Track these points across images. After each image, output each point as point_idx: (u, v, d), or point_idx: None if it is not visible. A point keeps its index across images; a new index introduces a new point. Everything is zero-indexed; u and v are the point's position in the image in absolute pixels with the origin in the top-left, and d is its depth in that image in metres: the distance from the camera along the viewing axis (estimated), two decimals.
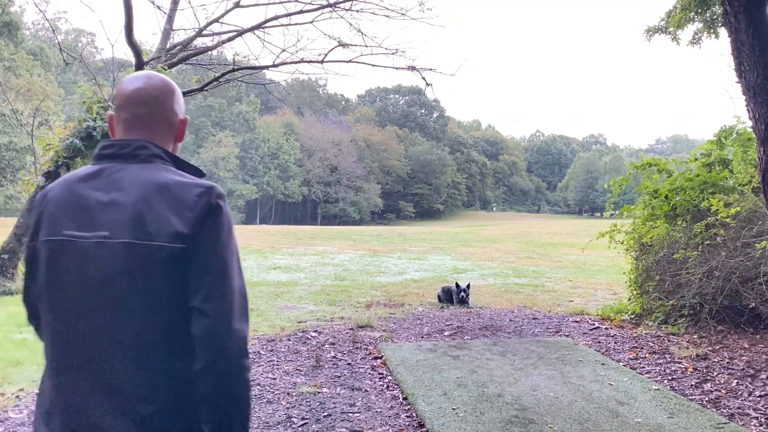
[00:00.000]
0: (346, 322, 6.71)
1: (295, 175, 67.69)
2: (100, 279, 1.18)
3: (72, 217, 1.22)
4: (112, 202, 1.21)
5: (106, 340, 1.17)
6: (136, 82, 1.34)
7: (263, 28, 9.66)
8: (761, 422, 3.67)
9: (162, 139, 1.34)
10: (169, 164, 1.30)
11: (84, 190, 1.24)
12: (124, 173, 1.24)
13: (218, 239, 1.23)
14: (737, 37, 4.14)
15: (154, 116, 1.33)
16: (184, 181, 1.25)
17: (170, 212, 1.19)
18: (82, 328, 1.19)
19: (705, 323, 5.80)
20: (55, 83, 36.67)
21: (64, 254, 1.21)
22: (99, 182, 1.24)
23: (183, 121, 1.40)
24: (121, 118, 1.33)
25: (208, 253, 1.21)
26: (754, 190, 5.96)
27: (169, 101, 1.36)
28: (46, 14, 43.13)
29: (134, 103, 1.32)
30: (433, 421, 3.60)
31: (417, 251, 17.92)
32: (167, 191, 1.21)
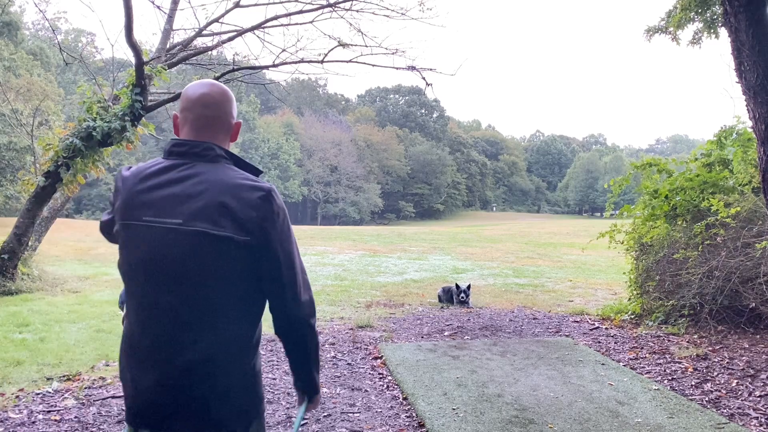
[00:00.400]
0: (346, 322, 6.70)
1: (295, 175, 67.68)
2: (173, 258, 1.40)
3: (149, 205, 1.44)
4: (184, 194, 1.42)
5: (182, 308, 1.41)
6: (203, 88, 1.55)
7: (263, 28, 9.65)
8: (761, 422, 3.67)
9: (222, 139, 1.56)
10: (230, 163, 1.53)
11: (158, 181, 1.46)
12: (195, 170, 1.46)
13: (280, 233, 1.47)
14: (737, 37, 4.14)
15: (217, 118, 1.55)
16: (246, 182, 1.46)
17: (236, 208, 1.41)
18: (159, 298, 1.42)
19: (705, 323, 5.80)
20: (55, 83, 36.65)
21: (142, 236, 1.44)
22: (172, 175, 1.46)
23: (237, 123, 1.61)
24: (188, 119, 1.54)
25: (274, 244, 1.45)
26: (754, 190, 5.96)
27: (228, 106, 1.57)
28: (46, 14, 43.18)
29: (201, 106, 1.53)
30: (433, 421, 3.60)
31: (417, 251, 17.92)
32: (233, 189, 1.43)
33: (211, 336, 1.42)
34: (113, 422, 3.60)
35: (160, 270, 1.42)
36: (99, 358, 4.99)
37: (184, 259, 1.40)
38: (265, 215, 1.43)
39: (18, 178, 20.69)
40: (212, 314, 1.42)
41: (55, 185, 8.29)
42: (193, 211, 1.40)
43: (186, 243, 1.40)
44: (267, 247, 1.44)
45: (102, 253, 14.14)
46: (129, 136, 8.15)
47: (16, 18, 31.53)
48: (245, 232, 1.40)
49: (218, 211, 1.40)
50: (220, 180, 1.44)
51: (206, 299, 1.41)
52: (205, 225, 1.39)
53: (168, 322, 1.42)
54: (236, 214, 1.40)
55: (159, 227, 1.42)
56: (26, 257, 8.86)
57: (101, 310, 7.08)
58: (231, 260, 1.41)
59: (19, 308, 7.05)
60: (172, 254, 1.40)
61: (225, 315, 1.43)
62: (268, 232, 1.43)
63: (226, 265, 1.41)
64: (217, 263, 1.40)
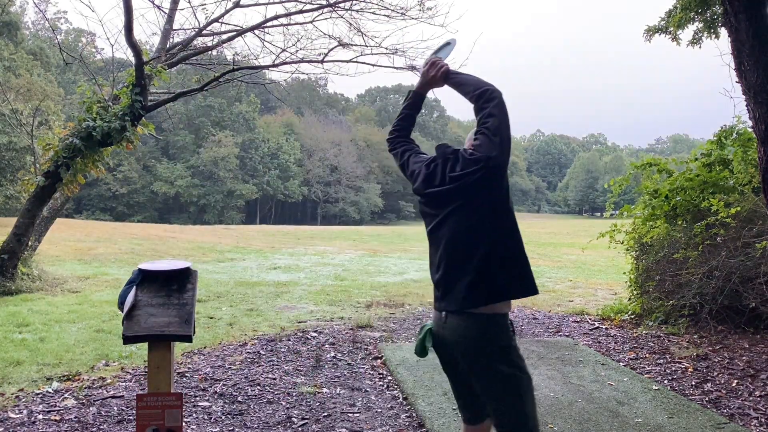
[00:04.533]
0: (346, 322, 6.70)
1: (295, 175, 67.62)
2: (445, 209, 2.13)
3: (428, 181, 2.19)
4: (443, 174, 2.14)
5: (454, 239, 2.10)
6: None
7: (263, 28, 9.64)
8: (761, 422, 3.67)
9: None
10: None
11: (430, 167, 2.20)
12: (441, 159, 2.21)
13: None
14: (737, 37, 4.14)
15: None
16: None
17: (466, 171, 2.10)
18: (439, 232, 2.15)
19: (705, 323, 5.80)
20: (55, 83, 36.62)
21: (428, 201, 2.20)
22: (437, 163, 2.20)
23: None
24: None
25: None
26: (754, 190, 5.96)
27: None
28: (46, 14, 43.17)
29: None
30: (433, 421, 3.60)
31: (417, 251, 17.92)
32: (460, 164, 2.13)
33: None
34: (113, 422, 3.60)
35: (436, 217, 2.29)
36: (99, 358, 4.99)
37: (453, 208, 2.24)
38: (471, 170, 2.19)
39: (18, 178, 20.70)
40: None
41: (55, 185, 8.29)
42: (449, 181, 2.18)
43: (452, 198, 2.24)
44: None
45: (102, 253, 14.15)
46: (129, 136, 8.15)
47: (16, 18, 31.51)
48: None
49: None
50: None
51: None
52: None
53: None
54: (468, 175, 2.18)
55: (435, 192, 2.26)
56: (26, 257, 8.86)
57: (101, 310, 7.08)
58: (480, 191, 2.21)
59: (19, 308, 7.05)
60: (444, 206, 2.24)
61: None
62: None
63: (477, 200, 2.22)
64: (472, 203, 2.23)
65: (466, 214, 2.07)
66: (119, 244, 16.38)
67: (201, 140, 61.09)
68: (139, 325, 2.38)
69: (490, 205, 2.07)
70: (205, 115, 62.25)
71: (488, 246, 2.05)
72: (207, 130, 61.29)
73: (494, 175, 2.05)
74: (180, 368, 4.72)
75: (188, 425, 3.55)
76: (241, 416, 3.74)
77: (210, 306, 7.59)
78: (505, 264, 2.07)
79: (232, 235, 23.26)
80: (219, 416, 3.74)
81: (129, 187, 55.80)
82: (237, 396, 4.12)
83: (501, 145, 2.04)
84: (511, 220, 2.11)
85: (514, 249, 2.10)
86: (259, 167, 64.49)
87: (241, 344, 5.58)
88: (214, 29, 9.78)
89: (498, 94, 2.11)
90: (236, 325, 6.45)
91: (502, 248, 2.07)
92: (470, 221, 2.07)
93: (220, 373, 4.65)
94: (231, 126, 63.55)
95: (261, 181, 64.14)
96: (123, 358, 4.99)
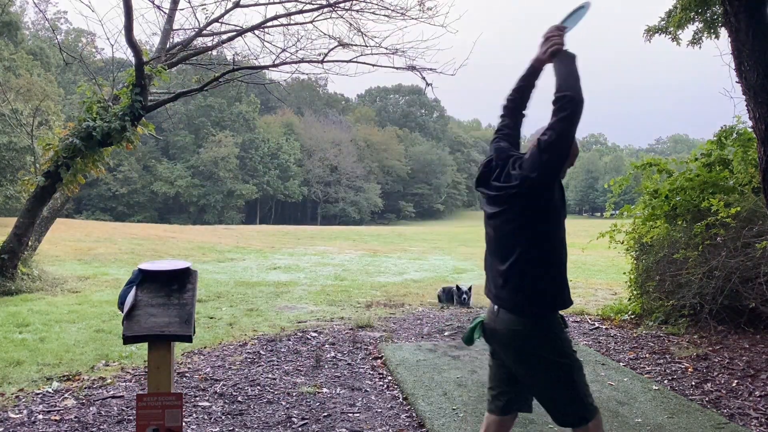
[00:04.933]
0: (346, 322, 6.70)
1: (295, 175, 67.64)
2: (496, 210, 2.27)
3: (480, 180, 2.39)
4: (491, 179, 2.32)
5: (498, 240, 2.28)
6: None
7: (263, 28, 9.64)
8: (761, 422, 3.66)
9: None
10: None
11: (486, 167, 2.38)
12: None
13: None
14: (737, 37, 4.14)
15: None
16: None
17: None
18: (488, 228, 2.35)
19: (705, 323, 5.79)
20: (55, 83, 36.61)
21: (481, 195, 2.40)
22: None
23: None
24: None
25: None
26: (754, 190, 5.96)
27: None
28: (46, 14, 43.18)
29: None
30: (433, 421, 3.60)
31: (417, 251, 17.92)
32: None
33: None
34: (113, 422, 3.60)
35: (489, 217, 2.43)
36: (99, 358, 4.99)
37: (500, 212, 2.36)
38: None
39: (18, 178, 20.68)
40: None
41: (55, 185, 8.29)
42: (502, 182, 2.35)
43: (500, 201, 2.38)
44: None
45: (102, 253, 14.15)
46: (129, 136, 8.14)
47: (16, 18, 31.49)
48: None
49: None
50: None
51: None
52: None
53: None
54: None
55: (487, 193, 2.41)
56: (26, 257, 8.86)
57: (101, 310, 7.08)
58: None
59: (19, 308, 7.05)
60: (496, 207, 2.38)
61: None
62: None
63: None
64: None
65: (507, 219, 2.22)
66: (119, 244, 16.39)
67: (201, 140, 61.10)
68: (139, 325, 2.38)
69: (527, 216, 2.17)
70: (205, 115, 62.26)
71: (525, 253, 2.17)
72: (207, 130, 61.31)
73: (531, 192, 2.12)
74: (180, 368, 4.72)
75: (188, 425, 3.55)
76: (241, 416, 3.74)
77: (210, 306, 7.59)
78: (540, 273, 2.18)
79: (232, 235, 23.27)
80: (219, 416, 3.74)
81: (129, 187, 55.81)
82: (237, 396, 4.12)
83: (545, 165, 2.08)
84: (550, 231, 2.19)
85: (549, 259, 2.20)
86: (259, 167, 64.50)
87: (241, 344, 5.58)
88: (214, 29, 9.78)
89: (572, 106, 2.06)
90: (236, 325, 6.45)
91: (537, 256, 2.18)
92: (511, 226, 2.21)
93: (220, 373, 4.65)
94: (231, 126, 63.57)
95: (261, 181, 64.15)
96: (123, 358, 4.99)
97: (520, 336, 2.22)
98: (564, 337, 2.24)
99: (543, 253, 2.18)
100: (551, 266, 2.20)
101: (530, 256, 2.17)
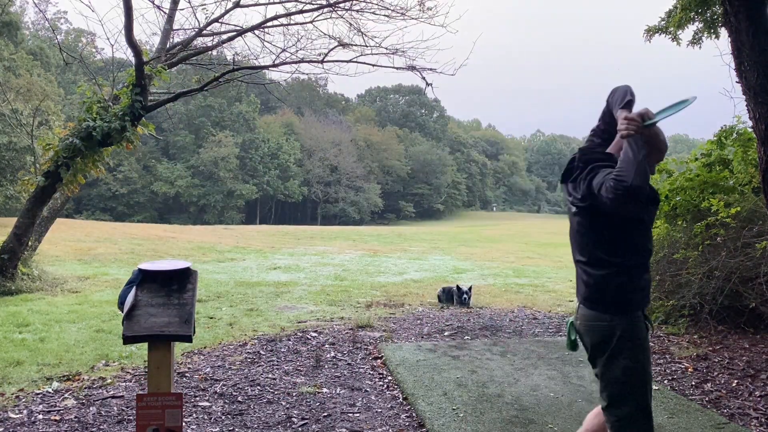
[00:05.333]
0: (346, 322, 6.70)
1: (295, 175, 67.60)
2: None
3: (563, 175, 2.43)
4: (565, 181, 2.41)
5: (575, 236, 2.39)
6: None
7: (263, 28, 9.65)
8: (761, 422, 3.66)
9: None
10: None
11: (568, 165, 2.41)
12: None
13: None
14: (737, 37, 4.14)
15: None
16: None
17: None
18: (569, 224, 2.43)
19: (705, 323, 5.79)
20: (55, 83, 36.60)
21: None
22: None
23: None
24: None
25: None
26: (754, 190, 5.96)
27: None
28: (46, 14, 43.17)
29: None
30: (433, 421, 3.60)
31: (417, 251, 17.93)
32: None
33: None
34: (113, 422, 3.60)
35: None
36: (99, 358, 4.99)
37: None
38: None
39: (18, 178, 20.67)
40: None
41: (55, 185, 8.29)
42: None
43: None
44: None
45: (102, 253, 14.15)
46: (129, 136, 8.14)
47: (16, 18, 31.48)
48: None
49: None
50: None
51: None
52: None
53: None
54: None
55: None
56: (26, 257, 8.86)
57: (101, 310, 7.08)
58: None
59: (19, 308, 7.05)
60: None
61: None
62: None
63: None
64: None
65: (579, 220, 2.35)
66: (119, 244, 16.39)
67: (201, 140, 61.07)
68: (139, 325, 2.38)
69: (594, 219, 2.28)
70: (205, 115, 62.24)
71: (592, 252, 2.30)
72: (207, 130, 61.28)
73: (593, 212, 2.27)
74: (180, 368, 4.72)
75: (188, 425, 3.55)
76: (241, 416, 3.74)
77: (210, 306, 7.59)
78: (604, 273, 2.27)
79: (232, 235, 23.26)
80: (219, 416, 3.74)
81: (129, 187, 55.79)
82: (237, 396, 4.12)
83: (598, 202, 2.16)
84: (617, 235, 2.26)
85: (615, 261, 2.26)
86: (259, 167, 64.47)
87: (241, 344, 5.58)
88: (214, 29, 9.78)
89: (623, 189, 2.01)
90: (236, 325, 6.45)
91: (602, 257, 2.28)
92: (581, 225, 2.34)
93: (220, 373, 4.65)
94: (231, 126, 63.54)
95: (261, 181, 64.12)
96: (123, 358, 4.99)
97: (589, 332, 2.36)
98: (633, 337, 2.28)
99: (608, 255, 2.27)
100: (616, 268, 2.27)
101: (596, 256, 2.29)
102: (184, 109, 59.32)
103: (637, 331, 2.29)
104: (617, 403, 2.31)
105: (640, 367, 2.27)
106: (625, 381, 2.28)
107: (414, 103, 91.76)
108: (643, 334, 2.31)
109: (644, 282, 2.33)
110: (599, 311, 2.31)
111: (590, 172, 2.25)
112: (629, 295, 2.29)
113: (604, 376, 2.37)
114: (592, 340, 2.37)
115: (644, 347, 2.30)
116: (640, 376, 2.28)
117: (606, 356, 2.32)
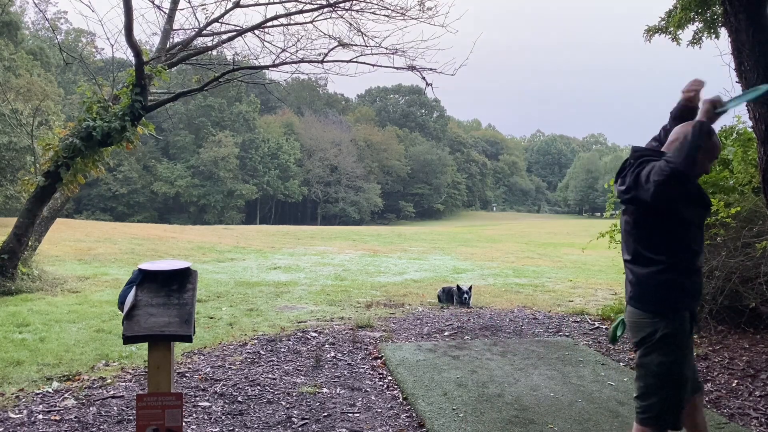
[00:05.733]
0: (346, 322, 6.70)
1: (295, 175, 67.61)
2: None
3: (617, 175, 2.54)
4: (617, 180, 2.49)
5: (624, 234, 2.50)
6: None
7: (263, 28, 9.64)
8: (761, 422, 3.66)
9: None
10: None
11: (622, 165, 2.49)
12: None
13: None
14: (737, 37, 4.14)
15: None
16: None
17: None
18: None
19: (705, 323, 5.79)
20: (55, 83, 36.59)
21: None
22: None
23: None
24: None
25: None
26: (754, 190, 5.95)
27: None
28: (46, 14, 43.16)
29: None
30: (433, 421, 3.60)
31: (417, 251, 17.93)
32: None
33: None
34: (113, 422, 3.60)
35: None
36: (99, 358, 4.99)
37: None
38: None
39: (18, 178, 20.69)
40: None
41: (55, 185, 8.29)
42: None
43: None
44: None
45: (102, 253, 14.15)
46: (129, 136, 8.15)
47: (16, 18, 31.50)
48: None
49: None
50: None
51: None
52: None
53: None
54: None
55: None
56: (26, 257, 8.86)
57: (101, 310, 7.08)
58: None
59: (19, 308, 7.05)
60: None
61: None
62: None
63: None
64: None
65: (626, 218, 2.44)
66: (119, 244, 16.39)
67: (201, 140, 61.08)
68: (139, 325, 2.38)
69: (639, 218, 2.38)
70: (205, 115, 62.24)
71: (636, 250, 2.37)
72: (207, 130, 61.28)
73: (637, 205, 2.36)
74: (180, 368, 4.72)
75: (188, 425, 3.55)
76: (241, 416, 3.74)
77: (210, 306, 7.59)
78: (648, 272, 2.34)
79: (232, 235, 23.26)
80: (219, 416, 3.74)
81: (129, 187, 55.81)
82: (237, 396, 4.12)
83: (644, 192, 2.23)
84: (661, 234, 2.32)
85: (659, 260, 2.32)
86: (259, 167, 64.48)
87: (241, 344, 5.58)
88: (214, 29, 9.78)
89: (669, 172, 2.12)
90: (236, 325, 6.45)
91: (647, 256, 2.34)
92: (629, 224, 2.43)
93: (220, 373, 4.65)
94: (231, 126, 63.54)
95: (261, 181, 64.14)
96: (123, 358, 4.99)
97: (632, 327, 2.45)
98: (672, 334, 2.32)
99: (652, 253, 2.33)
100: (660, 266, 2.32)
101: (640, 254, 2.37)
102: (184, 109, 59.33)
103: (680, 332, 2.33)
104: (645, 396, 2.41)
105: (676, 365, 2.32)
106: (657, 374, 2.35)
107: (414, 103, 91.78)
108: (685, 335, 2.35)
109: (690, 283, 2.35)
110: (642, 309, 2.38)
111: (639, 165, 2.30)
112: (672, 294, 2.32)
113: (640, 367, 2.45)
114: (635, 336, 2.47)
115: (683, 346, 2.34)
116: (674, 374, 2.33)
117: (644, 348, 2.40)
